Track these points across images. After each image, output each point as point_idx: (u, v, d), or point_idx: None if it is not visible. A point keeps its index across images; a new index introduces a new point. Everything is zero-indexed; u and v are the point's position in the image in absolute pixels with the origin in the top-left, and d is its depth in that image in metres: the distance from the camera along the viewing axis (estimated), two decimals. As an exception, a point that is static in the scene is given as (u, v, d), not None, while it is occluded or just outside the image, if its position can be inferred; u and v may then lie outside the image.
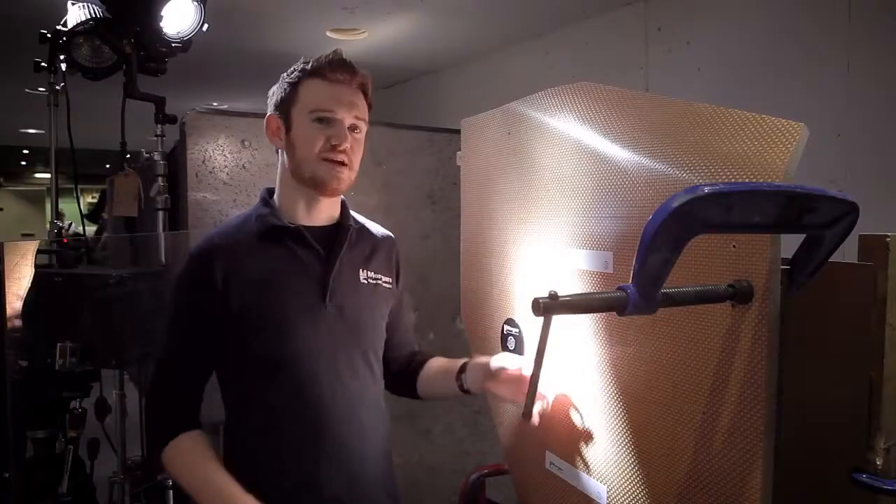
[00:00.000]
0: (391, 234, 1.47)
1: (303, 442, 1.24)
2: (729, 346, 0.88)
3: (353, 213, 1.39)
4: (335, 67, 1.27)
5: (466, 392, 1.34)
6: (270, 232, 1.27)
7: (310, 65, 1.28)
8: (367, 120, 1.31)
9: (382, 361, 1.39)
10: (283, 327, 1.23)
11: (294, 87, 1.28)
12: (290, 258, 1.27)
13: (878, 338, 0.95)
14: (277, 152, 1.34)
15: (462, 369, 1.34)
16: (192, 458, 1.24)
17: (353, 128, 1.27)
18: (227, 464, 1.31)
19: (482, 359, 1.30)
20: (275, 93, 1.32)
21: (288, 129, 1.29)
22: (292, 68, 1.31)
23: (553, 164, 1.22)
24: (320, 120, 1.25)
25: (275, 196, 1.34)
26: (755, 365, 0.85)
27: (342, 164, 1.26)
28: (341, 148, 1.25)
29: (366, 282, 1.35)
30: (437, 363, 1.45)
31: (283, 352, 1.23)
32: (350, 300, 1.31)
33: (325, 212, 1.33)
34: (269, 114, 1.33)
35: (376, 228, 1.44)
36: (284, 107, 1.29)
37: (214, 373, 1.31)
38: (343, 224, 1.34)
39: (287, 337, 1.23)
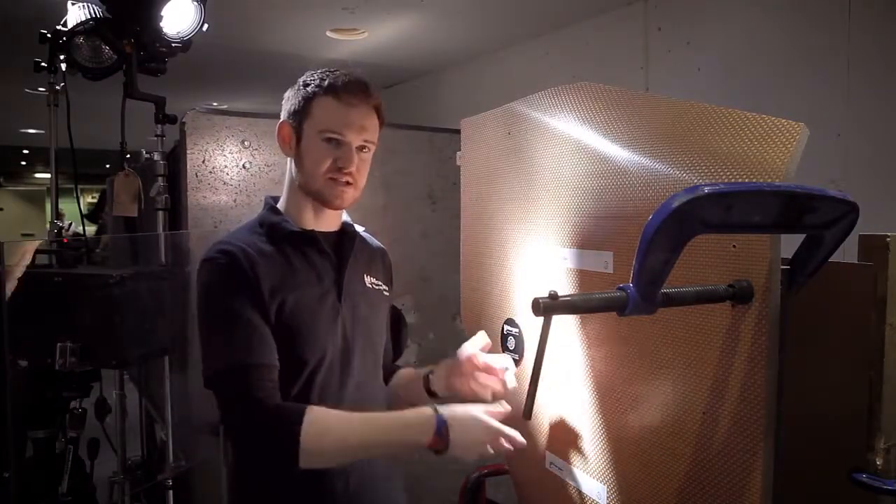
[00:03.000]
0: (383, 246, 1.50)
1: None
2: (729, 346, 0.88)
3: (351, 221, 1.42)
4: (350, 89, 1.25)
5: (433, 395, 1.36)
6: (287, 238, 1.28)
7: (326, 81, 1.26)
8: (376, 140, 1.31)
9: None
10: (310, 329, 1.24)
11: (308, 101, 1.27)
12: (306, 262, 1.28)
13: (878, 338, 0.95)
14: (288, 158, 1.34)
15: (430, 372, 1.38)
16: (337, 423, 1.15)
17: (360, 148, 1.28)
18: (236, 463, 1.32)
19: (448, 360, 1.34)
20: (289, 98, 1.31)
21: (298, 141, 1.29)
22: (309, 79, 1.29)
23: (553, 164, 1.22)
24: (329, 140, 1.25)
25: (281, 202, 1.35)
26: (755, 365, 0.85)
27: (347, 183, 1.27)
28: (347, 171, 1.26)
29: (371, 287, 1.38)
30: (407, 371, 1.49)
31: (309, 353, 1.23)
32: (361, 302, 1.34)
33: (330, 218, 1.35)
34: (281, 120, 1.31)
35: (370, 238, 1.47)
36: (297, 118, 1.29)
37: None
38: (347, 231, 1.37)
39: (313, 338, 1.24)
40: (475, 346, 1.31)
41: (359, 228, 1.42)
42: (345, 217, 1.40)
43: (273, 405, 1.15)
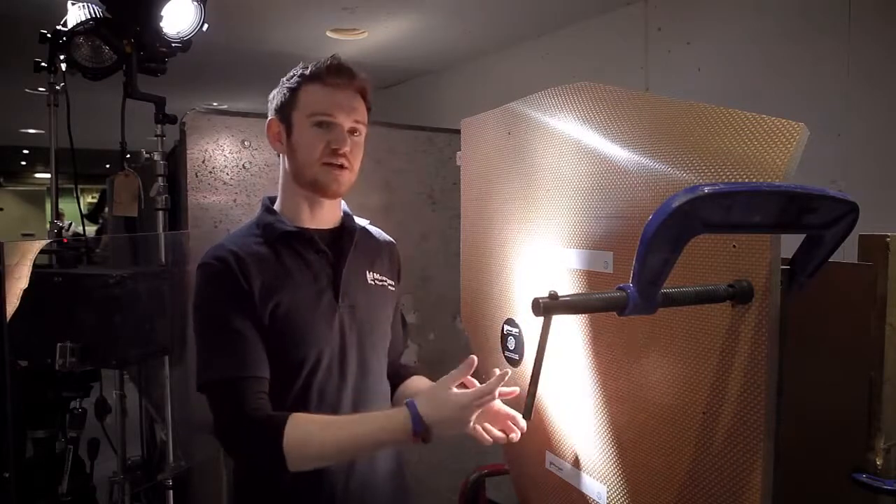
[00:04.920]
0: (392, 239, 1.49)
1: None
2: (729, 346, 0.88)
3: (354, 215, 1.40)
4: (333, 72, 1.27)
5: None
6: (281, 238, 1.27)
7: (309, 69, 1.28)
8: (366, 123, 1.32)
9: None
10: (306, 329, 1.24)
11: (294, 91, 1.28)
12: (301, 262, 1.28)
13: (878, 338, 0.95)
14: (279, 156, 1.35)
15: None
16: (318, 430, 1.16)
17: (352, 131, 1.29)
18: (237, 465, 1.32)
19: None
20: (275, 97, 1.33)
21: (289, 133, 1.29)
22: (292, 73, 1.30)
23: (553, 164, 1.22)
24: (320, 124, 1.26)
25: (277, 202, 1.35)
26: (755, 365, 0.85)
27: (342, 167, 1.27)
28: (341, 152, 1.26)
29: (373, 283, 1.37)
30: (417, 383, 1.46)
31: (305, 353, 1.24)
32: (361, 300, 1.33)
33: (328, 214, 1.35)
34: (269, 118, 1.33)
35: (377, 232, 1.46)
36: (285, 111, 1.30)
37: None
38: (347, 226, 1.37)
39: (309, 338, 1.24)
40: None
41: (363, 222, 1.40)
42: (344, 207, 1.39)
43: (257, 417, 1.16)
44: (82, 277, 2.01)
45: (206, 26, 2.30)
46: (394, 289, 1.43)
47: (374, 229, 1.45)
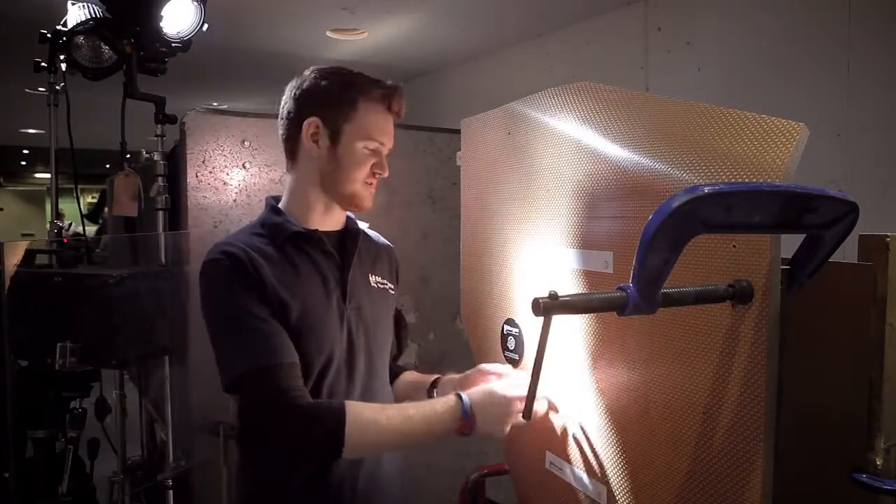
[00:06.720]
0: (389, 242, 1.50)
1: None
2: (729, 346, 0.88)
3: (356, 219, 1.41)
4: (399, 100, 1.30)
5: None
6: (291, 238, 1.26)
7: (377, 89, 1.28)
8: None
9: None
10: (315, 331, 1.23)
11: (352, 104, 1.26)
12: (310, 262, 1.27)
13: (878, 338, 0.95)
14: (295, 155, 1.31)
15: (434, 384, 1.37)
16: (374, 416, 1.16)
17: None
18: (242, 466, 1.31)
19: (454, 375, 1.34)
20: (317, 93, 1.27)
21: (333, 142, 1.27)
22: (346, 79, 1.27)
23: (553, 163, 1.22)
24: (373, 148, 1.28)
25: (283, 201, 1.34)
26: (755, 365, 0.85)
27: (374, 184, 1.32)
28: (382, 175, 1.31)
29: (375, 286, 1.37)
30: (409, 377, 1.48)
31: (317, 354, 1.23)
32: (365, 302, 1.33)
33: (337, 217, 1.35)
34: (311, 117, 1.26)
35: (376, 235, 1.46)
36: (335, 120, 1.26)
37: None
38: (351, 229, 1.37)
39: (322, 339, 1.24)
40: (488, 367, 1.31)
41: (363, 225, 1.40)
42: (353, 216, 1.39)
43: (308, 404, 1.15)
44: (82, 277, 2.01)
45: (206, 26, 2.30)
46: (393, 292, 1.44)
47: (372, 233, 1.44)
